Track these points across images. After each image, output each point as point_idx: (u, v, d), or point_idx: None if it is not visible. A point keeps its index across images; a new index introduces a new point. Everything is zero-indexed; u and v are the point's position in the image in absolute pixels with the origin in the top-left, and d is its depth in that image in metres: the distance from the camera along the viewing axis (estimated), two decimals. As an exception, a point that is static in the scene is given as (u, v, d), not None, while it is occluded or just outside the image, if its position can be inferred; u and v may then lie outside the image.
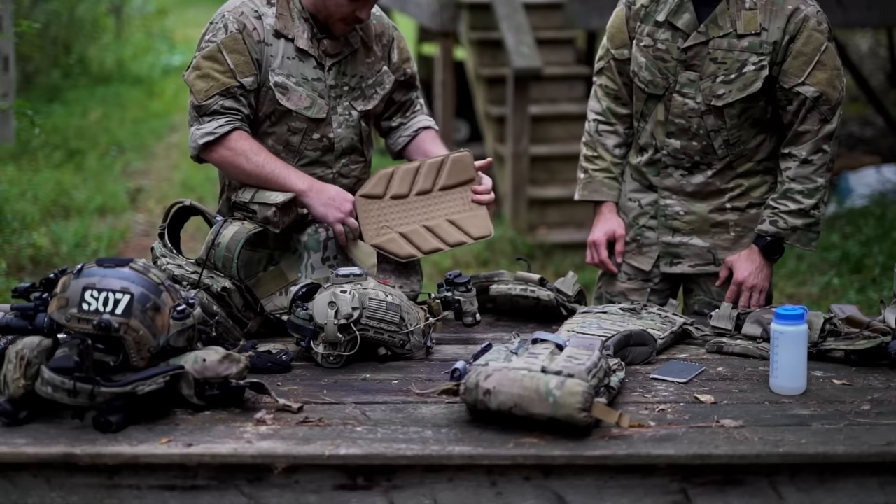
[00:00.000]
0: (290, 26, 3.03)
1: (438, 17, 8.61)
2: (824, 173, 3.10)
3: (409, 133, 3.28)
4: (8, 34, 6.81)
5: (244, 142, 3.00)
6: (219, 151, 3.01)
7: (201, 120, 3.01)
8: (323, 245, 3.05)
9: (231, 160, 3.00)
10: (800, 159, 3.08)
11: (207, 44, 3.01)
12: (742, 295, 3.13)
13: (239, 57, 2.99)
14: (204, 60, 3.00)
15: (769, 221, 3.10)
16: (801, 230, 3.10)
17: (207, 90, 2.99)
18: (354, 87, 3.12)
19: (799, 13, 3.02)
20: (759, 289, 3.13)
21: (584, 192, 3.34)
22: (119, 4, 14.74)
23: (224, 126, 2.99)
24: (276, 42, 3.03)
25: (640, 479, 2.26)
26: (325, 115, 3.08)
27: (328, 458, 2.24)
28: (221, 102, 2.99)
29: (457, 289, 3.06)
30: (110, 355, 2.38)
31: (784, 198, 3.09)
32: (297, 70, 3.04)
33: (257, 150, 3.00)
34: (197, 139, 3.01)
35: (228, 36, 2.99)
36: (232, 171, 3.05)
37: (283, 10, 3.04)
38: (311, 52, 3.05)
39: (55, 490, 2.25)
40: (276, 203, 2.94)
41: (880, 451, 2.26)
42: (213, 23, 3.04)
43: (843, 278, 6.57)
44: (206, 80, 2.99)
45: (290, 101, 3.03)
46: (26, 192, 7.97)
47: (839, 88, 3.06)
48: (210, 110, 2.99)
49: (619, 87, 3.27)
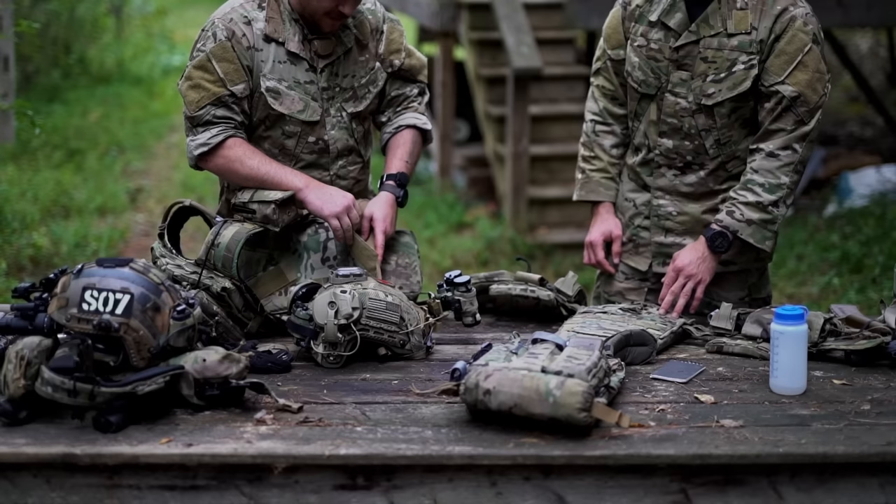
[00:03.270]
0: (280, 30, 3.02)
1: (438, 17, 8.61)
2: (790, 173, 3.02)
3: (391, 130, 3.23)
4: (8, 34, 6.82)
5: (238, 148, 3.01)
6: (214, 160, 3.04)
7: (195, 131, 3.03)
8: (323, 246, 3.05)
9: (227, 167, 3.03)
10: (766, 152, 3.03)
11: (198, 53, 3.02)
12: (677, 282, 3.06)
13: (228, 65, 2.99)
14: (195, 70, 3.01)
15: (725, 211, 3.05)
16: (756, 225, 3.03)
17: (199, 101, 3.00)
18: (346, 88, 3.10)
19: (787, 13, 3.02)
20: (698, 279, 3.05)
21: (581, 193, 3.35)
22: (119, 4, 14.73)
23: (217, 136, 3.00)
24: (267, 47, 3.02)
25: (640, 479, 2.26)
26: (319, 118, 3.08)
27: (328, 458, 2.24)
28: (213, 112, 3.00)
29: (457, 289, 3.06)
30: (110, 355, 2.38)
31: (744, 188, 3.04)
32: (289, 74, 3.03)
33: (251, 154, 3.01)
34: (192, 150, 3.04)
35: (217, 45, 2.99)
36: (229, 177, 3.08)
37: (274, 13, 3.03)
38: (303, 54, 3.04)
39: (55, 490, 2.25)
40: (274, 200, 2.94)
41: (880, 451, 2.27)
42: (203, 30, 3.05)
43: (843, 278, 6.57)
44: (196, 90, 3.00)
45: (282, 106, 3.03)
46: (26, 192, 7.97)
47: (820, 92, 3.02)
48: (202, 121, 3.01)
49: (615, 88, 3.28)
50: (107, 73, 13.17)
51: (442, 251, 7.36)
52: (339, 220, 2.98)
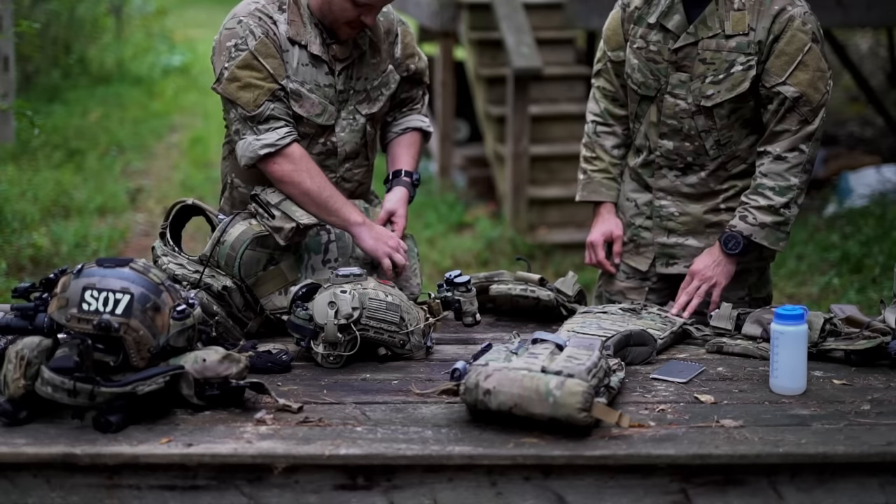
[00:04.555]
0: (302, 32, 2.99)
1: (438, 17, 8.60)
2: (799, 174, 3.03)
3: (397, 131, 3.25)
4: (8, 34, 6.82)
5: (304, 160, 2.97)
6: (280, 164, 2.96)
7: (256, 129, 2.95)
8: (324, 248, 3.05)
9: (290, 175, 2.95)
10: (773, 155, 3.04)
11: (238, 52, 2.93)
12: (692, 284, 3.08)
13: (274, 60, 2.94)
14: (240, 70, 2.93)
15: (738, 216, 3.07)
16: (769, 228, 3.04)
17: (256, 99, 2.93)
18: (359, 91, 3.09)
19: (785, 13, 3.01)
20: (713, 282, 3.07)
21: (583, 193, 3.35)
22: (119, 4, 14.72)
23: (286, 137, 2.95)
24: (292, 48, 2.98)
25: (640, 479, 2.26)
26: (334, 122, 3.07)
27: (328, 458, 2.24)
28: (273, 106, 2.94)
29: (457, 289, 3.05)
30: (110, 355, 2.38)
31: (755, 193, 3.05)
32: (311, 76, 3.01)
33: (317, 171, 2.98)
34: (256, 150, 2.94)
35: (259, 42, 2.93)
36: (288, 187, 2.97)
37: (295, 16, 3.00)
38: (324, 57, 3.02)
39: (55, 490, 2.25)
40: (299, 222, 2.93)
41: (880, 451, 2.27)
42: (231, 29, 2.96)
43: (843, 278, 6.57)
44: (249, 89, 2.93)
45: (301, 108, 3.00)
46: (26, 192, 7.96)
47: (822, 90, 3.02)
48: (264, 117, 2.94)
49: (616, 89, 3.28)
50: (107, 73, 13.16)
51: (442, 251, 7.36)
52: (391, 259, 2.99)
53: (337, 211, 2.98)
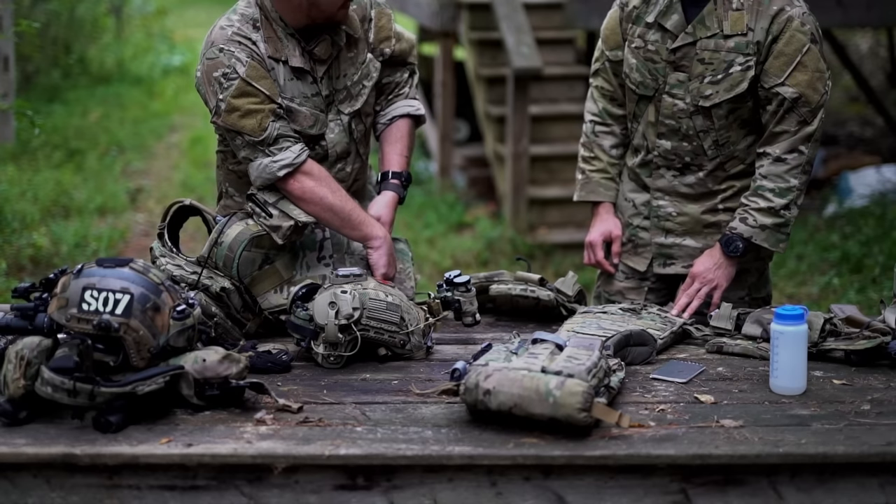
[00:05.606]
0: (280, 48, 2.95)
1: (438, 17, 8.60)
2: (799, 175, 3.03)
3: (384, 122, 3.19)
4: (8, 34, 6.81)
5: (325, 173, 2.96)
6: (301, 181, 2.92)
7: (268, 151, 2.90)
8: (319, 245, 3.05)
9: (315, 191, 2.92)
10: (773, 157, 3.04)
11: (229, 82, 2.88)
12: (693, 286, 3.09)
13: (266, 81, 2.90)
14: (236, 100, 2.88)
15: (738, 218, 3.06)
16: (769, 229, 3.04)
17: (260, 123, 2.89)
18: (341, 89, 3.05)
19: (783, 13, 3.01)
20: (713, 284, 3.07)
21: (581, 193, 3.35)
22: (119, 4, 14.72)
23: (301, 154, 2.92)
24: (277, 66, 2.95)
25: (640, 479, 2.26)
26: (325, 129, 3.05)
27: (328, 458, 2.24)
28: (278, 126, 2.91)
29: (457, 289, 3.06)
30: (110, 355, 2.38)
31: (755, 195, 3.05)
32: (298, 90, 2.98)
33: (337, 186, 2.97)
34: (275, 171, 2.90)
35: (247, 66, 2.89)
36: (310, 204, 2.93)
37: (269, 32, 2.94)
38: (306, 67, 2.97)
39: (55, 490, 2.25)
40: (297, 220, 2.92)
41: (880, 451, 2.27)
42: (213, 59, 2.89)
43: (843, 278, 6.57)
44: (250, 116, 2.89)
45: (296, 124, 2.97)
46: (26, 192, 7.96)
47: (821, 91, 3.01)
48: (273, 139, 2.90)
49: (614, 89, 3.28)
50: (107, 73, 13.16)
51: (442, 251, 7.36)
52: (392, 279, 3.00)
53: (359, 225, 2.96)
